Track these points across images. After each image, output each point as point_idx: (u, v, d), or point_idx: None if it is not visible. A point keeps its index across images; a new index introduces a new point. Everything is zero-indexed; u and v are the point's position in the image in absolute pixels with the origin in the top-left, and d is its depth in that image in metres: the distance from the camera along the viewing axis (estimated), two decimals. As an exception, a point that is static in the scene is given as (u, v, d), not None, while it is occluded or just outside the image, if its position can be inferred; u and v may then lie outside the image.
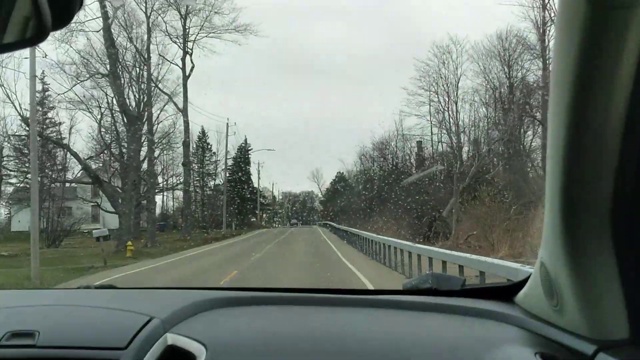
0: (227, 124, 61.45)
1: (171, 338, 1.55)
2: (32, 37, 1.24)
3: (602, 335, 1.27)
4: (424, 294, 1.95)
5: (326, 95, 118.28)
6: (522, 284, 1.75)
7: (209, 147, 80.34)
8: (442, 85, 45.98)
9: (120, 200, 38.24)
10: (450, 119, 45.23)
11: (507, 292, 1.84)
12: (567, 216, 1.18)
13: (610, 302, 1.23)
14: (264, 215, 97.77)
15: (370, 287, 13.80)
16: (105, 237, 25.71)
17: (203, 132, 74.73)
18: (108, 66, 38.12)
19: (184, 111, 46.00)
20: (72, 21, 1.28)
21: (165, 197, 76.22)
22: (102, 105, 40.60)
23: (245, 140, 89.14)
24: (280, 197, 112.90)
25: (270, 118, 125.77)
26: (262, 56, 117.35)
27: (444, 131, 45.85)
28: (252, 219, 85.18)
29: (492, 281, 8.29)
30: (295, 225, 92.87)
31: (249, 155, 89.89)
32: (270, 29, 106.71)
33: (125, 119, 39.66)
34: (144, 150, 42.23)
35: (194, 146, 73.80)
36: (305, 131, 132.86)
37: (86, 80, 38.54)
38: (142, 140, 40.84)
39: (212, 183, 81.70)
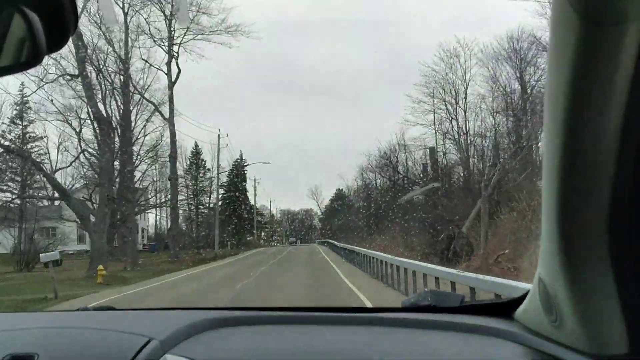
0: (219, 135, 59.38)
1: (170, 359, 1.61)
2: (27, 60, 1.29)
3: (602, 350, 1.32)
4: (423, 311, 2.01)
5: (324, 113, 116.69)
6: (520, 300, 1.80)
7: (203, 163, 78.26)
8: (450, 91, 44.04)
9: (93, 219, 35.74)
10: (457, 125, 43.19)
11: (506, 308, 1.88)
12: (565, 232, 1.24)
13: (609, 317, 1.29)
14: (262, 233, 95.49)
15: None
16: (56, 262, 22.92)
17: (196, 147, 72.23)
18: (77, 69, 35.93)
19: (170, 120, 44.04)
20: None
21: (159, 216, 75.41)
22: (82, 116, 37.95)
23: (241, 155, 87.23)
24: (279, 215, 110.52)
25: (267, 136, 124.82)
26: (257, 72, 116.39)
27: (451, 140, 43.91)
28: (249, 238, 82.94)
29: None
30: (294, 244, 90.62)
31: (245, 171, 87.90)
32: (267, 45, 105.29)
33: (97, 128, 37.23)
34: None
35: (187, 162, 73.91)
36: (303, 149, 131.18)
37: (52, 82, 35.50)
38: (116, 152, 38.57)
39: (207, 200, 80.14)
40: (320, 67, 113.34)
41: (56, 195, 38.36)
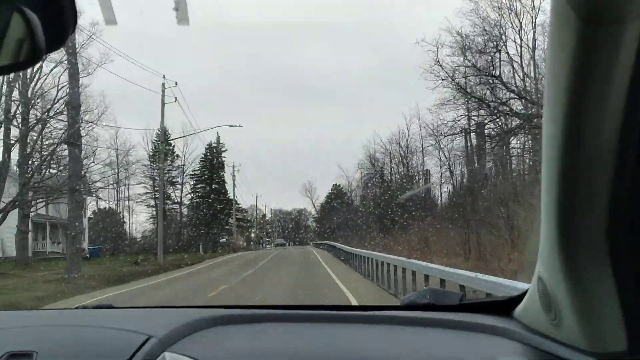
0: (163, 84, 40.05)
1: (169, 357, 1.62)
2: (26, 60, 1.30)
3: (601, 348, 1.34)
4: (422, 310, 2.02)
5: (320, 112, 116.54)
6: (520, 298, 1.82)
7: (172, 148, 64.05)
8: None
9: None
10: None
11: (505, 306, 1.90)
12: (564, 230, 1.26)
13: (608, 315, 1.31)
14: (250, 234, 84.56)
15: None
16: None
17: (164, 133, 50.26)
18: None
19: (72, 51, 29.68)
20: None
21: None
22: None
23: (218, 138, 70.89)
24: (271, 215, 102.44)
25: (257, 133, 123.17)
26: (252, 71, 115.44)
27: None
28: (222, 240, 69.90)
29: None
30: (282, 247, 79.28)
31: (223, 159, 72.14)
32: (260, 45, 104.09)
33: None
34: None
35: (151, 147, 60.35)
36: (297, 147, 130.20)
37: None
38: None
39: (176, 195, 67.92)
40: (318, 67, 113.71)
41: None
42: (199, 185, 71.25)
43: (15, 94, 34.95)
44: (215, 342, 1.78)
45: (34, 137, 35.74)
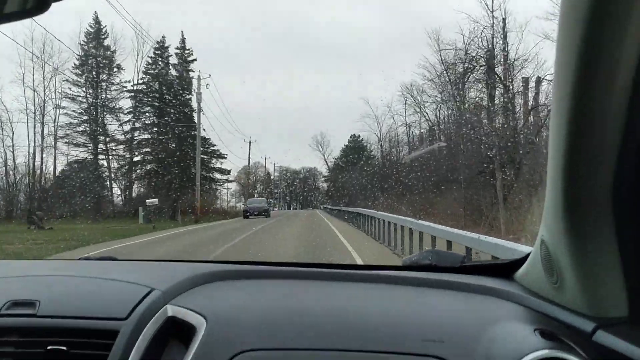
0: None
1: (171, 310, 1.64)
2: (33, 8, 1.29)
3: (602, 313, 1.36)
4: (423, 270, 2.04)
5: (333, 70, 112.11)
6: (522, 261, 1.84)
7: (101, 35, 43.64)
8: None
9: None
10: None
11: (506, 269, 1.92)
12: (569, 194, 1.28)
13: (610, 281, 1.33)
14: (231, 192, 64.22)
15: None
16: None
17: (97, 20, 36.75)
18: None
19: None
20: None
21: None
22: None
23: (183, 40, 48.11)
24: (276, 175, 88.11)
25: (269, 89, 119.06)
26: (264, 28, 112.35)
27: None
28: (190, 199, 43.96)
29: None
30: (261, 214, 43.62)
31: (189, 72, 48.07)
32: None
33: None
34: None
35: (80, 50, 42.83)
36: (308, 103, 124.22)
37: None
38: None
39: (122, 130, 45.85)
40: (331, 25, 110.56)
41: None
42: (145, 110, 47.24)
43: None
44: (218, 296, 1.80)
45: None
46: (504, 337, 1.45)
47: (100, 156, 47.90)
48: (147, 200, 34.61)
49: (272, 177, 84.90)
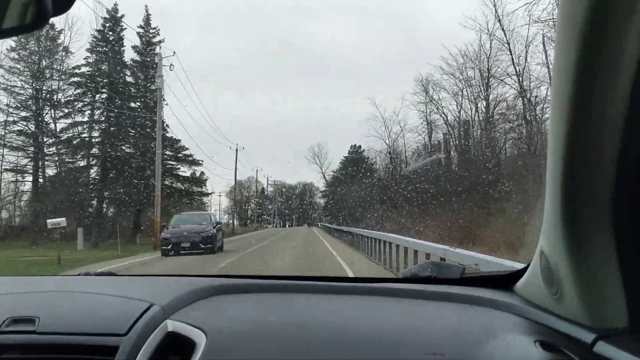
0: None
1: (171, 325, 1.65)
2: (32, 22, 1.31)
3: (602, 323, 1.36)
4: (423, 282, 2.04)
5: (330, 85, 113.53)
6: (521, 272, 1.83)
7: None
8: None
9: None
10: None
11: (506, 280, 1.92)
12: (568, 205, 1.28)
13: (610, 291, 1.33)
14: (223, 209, 56.23)
15: None
16: None
17: None
18: None
19: None
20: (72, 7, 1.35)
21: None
22: None
23: (147, 17, 39.76)
24: (270, 190, 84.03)
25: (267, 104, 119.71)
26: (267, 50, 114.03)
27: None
28: (150, 217, 33.48)
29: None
30: (196, 249, 24.53)
31: (156, 50, 37.67)
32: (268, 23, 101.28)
33: None
34: None
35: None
36: (303, 116, 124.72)
37: None
38: None
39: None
40: (333, 43, 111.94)
41: None
42: (91, 101, 37.19)
43: None
44: (218, 311, 1.81)
45: None
46: (504, 349, 1.45)
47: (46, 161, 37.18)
48: (47, 221, 23.89)
49: (265, 192, 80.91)
